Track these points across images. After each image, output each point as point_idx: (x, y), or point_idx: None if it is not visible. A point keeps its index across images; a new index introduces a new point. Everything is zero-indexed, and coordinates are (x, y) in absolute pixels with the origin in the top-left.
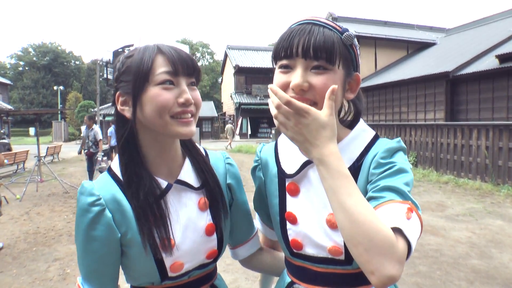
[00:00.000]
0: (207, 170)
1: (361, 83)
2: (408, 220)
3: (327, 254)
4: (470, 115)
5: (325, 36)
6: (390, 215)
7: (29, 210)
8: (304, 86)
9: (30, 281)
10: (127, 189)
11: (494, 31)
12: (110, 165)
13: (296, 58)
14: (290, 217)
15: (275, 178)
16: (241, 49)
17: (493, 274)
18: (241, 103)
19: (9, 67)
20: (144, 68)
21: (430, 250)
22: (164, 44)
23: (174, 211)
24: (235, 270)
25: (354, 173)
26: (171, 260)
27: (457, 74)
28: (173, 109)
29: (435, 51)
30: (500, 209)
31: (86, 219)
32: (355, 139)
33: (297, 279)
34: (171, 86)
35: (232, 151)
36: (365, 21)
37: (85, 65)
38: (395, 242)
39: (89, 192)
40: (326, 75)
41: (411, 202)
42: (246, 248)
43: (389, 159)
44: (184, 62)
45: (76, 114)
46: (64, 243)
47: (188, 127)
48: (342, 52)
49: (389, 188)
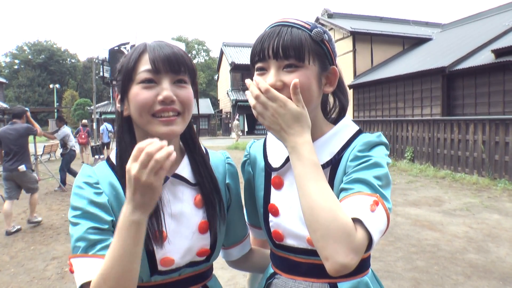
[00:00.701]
0: (204, 168)
1: (358, 79)
2: (371, 212)
3: (306, 245)
4: (466, 110)
5: (292, 36)
6: (354, 206)
7: (26, 209)
8: (277, 85)
9: (28, 280)
10: (121, 178)
11: (490, 26)
12: (109, 155)
13: (269, 60)
14: (273, 209)
15: (262, 172)
16: (237, 46)
17: (490, 268)
18: (238, 100)
19: (4, 66)
20: (129, 67)
21: (428, 245)
22: (155, 42)
23: (168, 205)
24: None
25: (334, 166)
26: (162, 254)
27: (453, 69)
28: (153, 108)
29: (431, 47)
30: (497, 203)
31: (87, 192)
32: (337, 133)
33: (280, 270)
34: (152, 84)
35: (229, 148)
36: (360, 17)
37: (80, 63)
38: (352, 232)
39: (89, 174)
40: (297, 72)
41: (380, 195)
42: (238, 249)
43: (366, 152)
44: (166, 59)
45: (73, 113)
46: (62, 242)
47: (168, 126)
48: (312, 48)
49: (359, 180)
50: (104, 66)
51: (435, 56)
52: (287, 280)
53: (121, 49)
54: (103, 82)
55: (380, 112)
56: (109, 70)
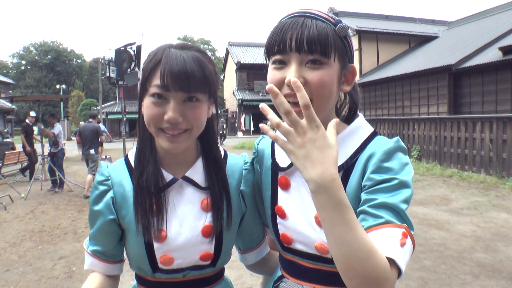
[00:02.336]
0: (218, 173)
1: (364, 77)
2: (401, 247)
3: (314, 251)
4: (473, 108)
5: (318, 29)
6: (385, 241)
7: (34, 208)
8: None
9: (36, 279)
10: (133, 173)
11: (497, 23)
12: (128, 153)
13: (290, 53)
14: (280, 211)
15: (269, 171)
16: (243, 46)
17: (498, 267)
18: (244, 99)
19: (11, 66)
20: (144, 76)
21: (435, 244)
22: (175, 50)
23: (173, 205)
24: (240, 267)
25: (347, 170)
26: (162, 252)
27: (460, 67)
28: (160, 124)
29: (437, 44)
30: (505, 202)
31: (94, 194)
32: (351, 134)
33: (287, 273)
34: (161, 100)
35: (235, 148)
36: (366, 16)
37: (87, 64)
38: (389, 276)
39: (102, 172)
40: (321, 70)
41: (407, 224)
42: (255, 254)
43: (389, 162)
44: (176, 77)
45: (79, 113)
46: (69, 241)
47: (172, 143)
48: (337, 44)
49: (387, 206)
50: (110, 67)
51: (441, 54)
52: (294, 284)
53: (127, 49)
54: (109, 82)
55: (387, 111)
56: (115, 71)
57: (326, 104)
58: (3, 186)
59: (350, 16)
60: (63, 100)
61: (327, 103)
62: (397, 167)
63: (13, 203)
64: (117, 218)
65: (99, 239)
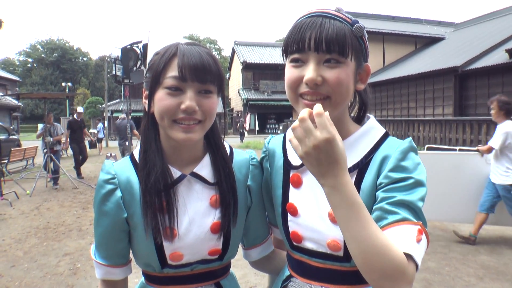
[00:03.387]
0: (224, 169)
1: (369, 78)
2: (418, 243)
3: (326, 248)
4: (479, 110)
5: (337, 29)
6: (402, 238)
7: (39, 205)
8: (318, 80)
9: (41, 276)
10: (140, 172)
11: (504, 25)
12: (133, 151)
13: (308, 52)
14: (291, 209)
15: (281, 169)
16: (249, 45)
17: (503, 270)
18: (249, 99)
19: (17, 64)
20: (158, 69)
21: (439, 246)
22: (187, 45)
23: (183, 202)
24: (244, 266)
25: (361, 169)
26: (171, 250)
27: (466, 68)
28: (176, 115)
29: (443, 46)
30: None
31: (100, 194)
32: (364, 135)
33: (295, 273)
34: (177, 92)
35: (240, 147)
36: (372, 16)
37: (92, 62)
38: (406, 269)
39: (107, 170)
40: (339, 68)
41: (422, 221)
42: (259, 251)
43: (405, 162)
44: (194, 68)
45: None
46: (74, 238)
47: (187, 133)
48: (354, 44)
49: (404, 203)
50: (117, 65)
51: (447, 55)
52: (303, 284)
53: (134, 47)
54: (115, 80)
55: (392, 112)
56: (121, 69)
57: (343, 101)
58: (9, 183)
59: (357, 17)
60: (68, 98)
61: (345, 100)
62: (412, 166)
63: (18, 199)
64: (127, 216)
65: (108, 243)
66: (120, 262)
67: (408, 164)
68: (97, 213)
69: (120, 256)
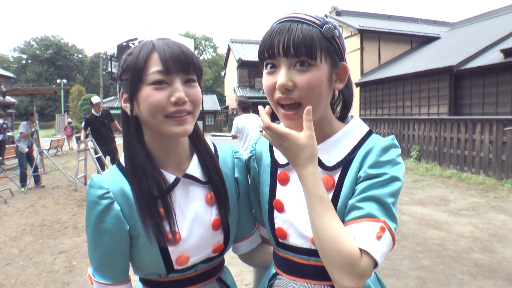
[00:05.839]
0: (212, 165)
1: (365, 77)
2: (377, 240)
3: (310, 244)
4: (474, 110)
5: (303, 32)
6: (360, 234)
7: (34, 202)
8: (288, 86)
9: (37, 273)
10: (129, 180)
11: (499, 25)
12: (119, 158)
13: (279, 58)
14: (278, 205)
15: (268, 168)
16: (244, 43)
17: (495, 268)
18: (244, 96)
19: (12, 60)
20: (138, 67)
21: (433, 244)
22: (161, 40)
23: (182, 205)
24: (239, 263)
25: (345, 166)
26: (177, 254)
27: (461, 68)
28: (167, 109)
29: (439, 45)
30: (503, 203)
31: (96, 212)
32: (348, 133)
33: (281, 270)
34: (164, 85)
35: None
36: (368, 15)
37: (88, 58)
38: (356, 261)
39: (99, 185)
40: (309, 72)
41: (388, 218)
42: (246, 243)
43: (384, 157)
44: (177, 59)
45: (79, 108)
46: (69, 236)
47: (182, 126)
48: (324, 45)
49: (373, 199)
50: (112, 62)
51: (443, 55)
52: (288, 281)
53: (130, 44)
54: (110, 77)
55: (387, 111)
56: (117, 66)
57: (316, 105)
58: (4, 180)
59: (353, 16)
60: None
61: (318, 104)
62: (391, 162)
63: (13, 197)
64: (129, 228)
65: (115, 261)
66: (125, 279)
67: (387, 161)
68: (94, 233)
69: (125, 272)
